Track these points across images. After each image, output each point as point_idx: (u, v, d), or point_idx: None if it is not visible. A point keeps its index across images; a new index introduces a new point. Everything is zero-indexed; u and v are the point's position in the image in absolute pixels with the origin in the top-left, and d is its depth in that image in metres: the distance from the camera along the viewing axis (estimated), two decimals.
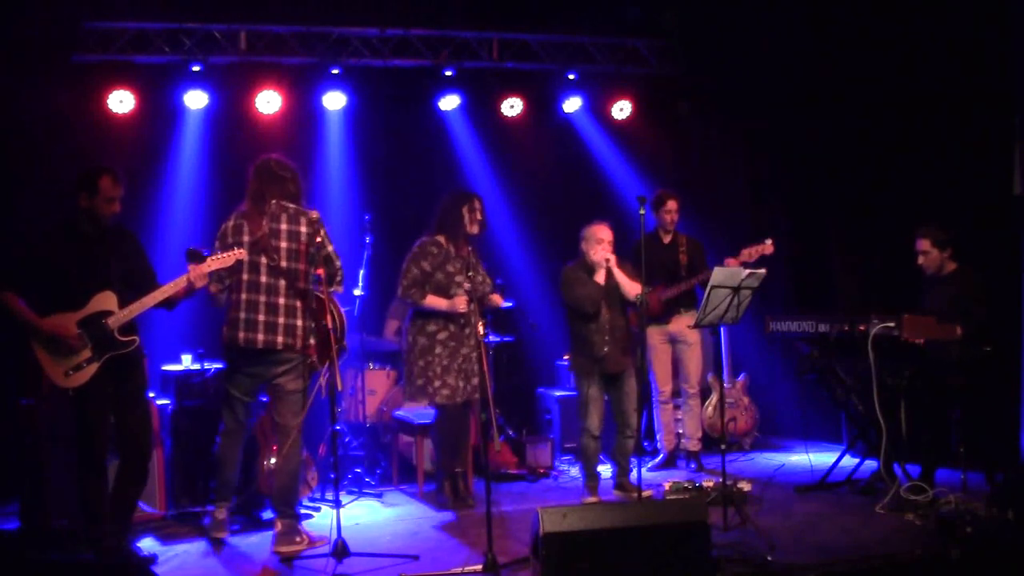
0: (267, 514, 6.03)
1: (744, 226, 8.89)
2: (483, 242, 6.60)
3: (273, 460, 6.31)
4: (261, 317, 5.45)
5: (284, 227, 5.50)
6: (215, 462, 5.73)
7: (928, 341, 5.97)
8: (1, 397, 6.20)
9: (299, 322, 5.49)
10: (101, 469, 5.12)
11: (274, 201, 5.53)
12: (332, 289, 5.53)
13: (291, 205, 5.56)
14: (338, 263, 5.57)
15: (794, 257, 8.49)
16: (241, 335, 5.45)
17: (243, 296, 5.48)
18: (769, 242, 6.90)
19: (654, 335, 7.30)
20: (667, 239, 7.37)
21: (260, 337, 5.44)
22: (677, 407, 7.47)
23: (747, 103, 8.51)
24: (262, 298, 5.46)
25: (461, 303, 6.08)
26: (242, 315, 5.47)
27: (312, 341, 5.54)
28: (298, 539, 5.47)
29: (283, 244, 5.48)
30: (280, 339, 5.45)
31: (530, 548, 4.54)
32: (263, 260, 5.46)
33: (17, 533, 5.70)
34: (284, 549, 5.39)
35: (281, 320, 5.46)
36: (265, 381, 5.61)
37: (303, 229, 5.51)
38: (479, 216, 6.26)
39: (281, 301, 5.47)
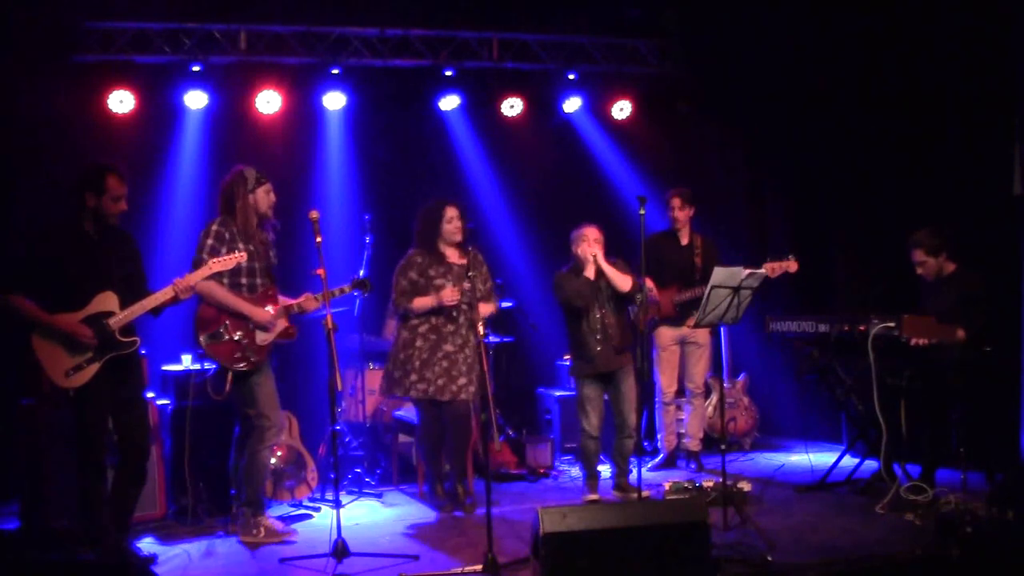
0: (273, 510, 6.06)
1: (744, 226, 8.90)
2: (483, 242, 6.60)
3: (273, 460, 6.35)
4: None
5: None
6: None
7: (928, 341, 5.97)
8: (1, 397, 6.20)
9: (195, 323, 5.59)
10: (101, 469, 5.12)
11: None
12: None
13: None
14: (197, 253, 5.53)
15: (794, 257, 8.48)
16: None
17: None
18: (792, 259, 6.67)
19: (665, 336, 7.30)
20: (684, 240, 7.35)
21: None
22: (680, 407, 7.47)
23: (747, 103, 8.51)
24: None
25: (447, 294, 6.06)
26: None
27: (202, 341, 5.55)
28: (255, 531, 5.59)
29: None
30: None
31: (530, 548, 4.54)
32: None
33: (17, 533, 5.70)
34: (246, 539, 5.60)
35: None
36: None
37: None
38: (458, 223, 6.22)
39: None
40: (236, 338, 5.52)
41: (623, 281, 6.26)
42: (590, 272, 6.27)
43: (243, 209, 5.62)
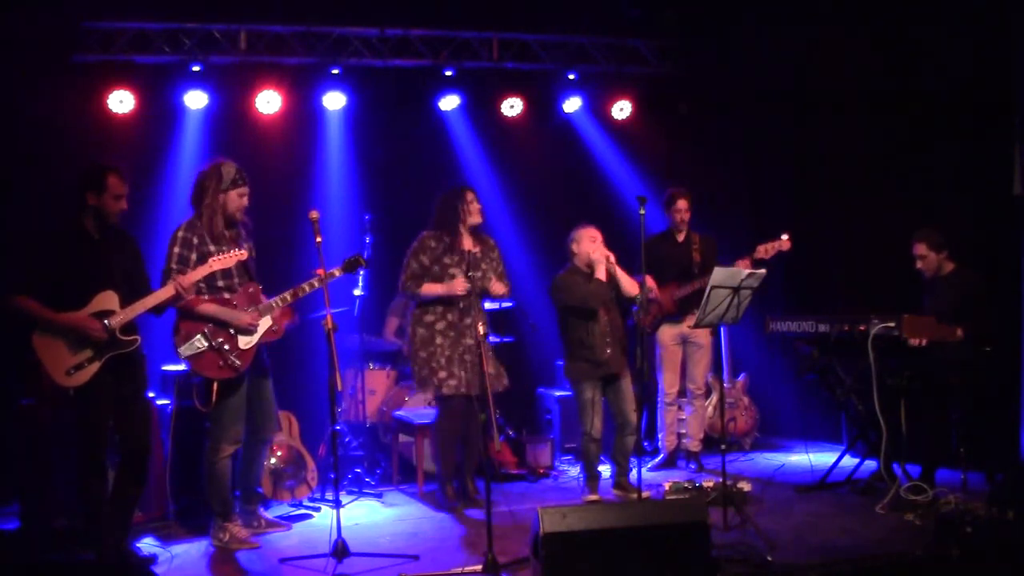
0: (270, 512, 6.06)
1: (744, 226, 8.89)
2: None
3: (273, 460, 6.35)
4: None
5: None
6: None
7: (928, 341, 5.98)
8: (1, 397, 6.20)
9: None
10: (101, 469, 5.12)
11: None
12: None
13: None
14: (166, 264, 5.46)
15: (794, 257, 8.49)
16: None
17: None
18: (786, 237, 6.91)
19: (666, 335, 7.30)
20: (680, 237, 7.36)
21: None
22: (680, 407, 7.47)
23: (747, 103, 8.51)
24: None
25: (459, 285, 6.08)
26: None
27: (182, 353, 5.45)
28: (221, 535, 5.58)
29: None
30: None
31: (530, 548, 4.54)
32: None
33: (17, 533, 5.70)
34: (215, 543, 5.60)
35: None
36: None
37: None
38: (476, 206, 6.30)
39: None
40: (216, 345, 5.41)
41: (631, 285, 6.26)
42: (601, 274, 6.24)
43: (209, 207, 5.49)
